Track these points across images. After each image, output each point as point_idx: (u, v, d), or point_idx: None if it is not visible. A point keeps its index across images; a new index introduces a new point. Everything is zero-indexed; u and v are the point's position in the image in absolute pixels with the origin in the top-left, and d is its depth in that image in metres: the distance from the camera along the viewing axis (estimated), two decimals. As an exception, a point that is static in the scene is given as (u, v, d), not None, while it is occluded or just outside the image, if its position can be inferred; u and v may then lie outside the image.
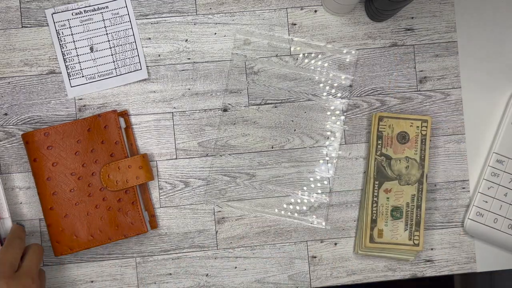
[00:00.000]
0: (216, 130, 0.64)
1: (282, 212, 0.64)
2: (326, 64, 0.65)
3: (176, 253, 0.63)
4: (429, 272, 0.64)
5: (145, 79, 0.64)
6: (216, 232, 0.64)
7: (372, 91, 0.65)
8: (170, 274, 0.63)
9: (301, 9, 0.65)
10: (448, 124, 0.65)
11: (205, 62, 0.65)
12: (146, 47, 0.64)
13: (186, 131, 0.64)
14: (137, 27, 0.64)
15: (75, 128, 0.61)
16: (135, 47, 0.64)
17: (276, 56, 0.65)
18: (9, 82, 0.63)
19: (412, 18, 0.66)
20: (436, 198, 0.65)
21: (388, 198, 0.62)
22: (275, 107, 0.65)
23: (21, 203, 0.63)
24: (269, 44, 0.65)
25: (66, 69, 0.64)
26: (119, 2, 0.64)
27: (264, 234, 0.64)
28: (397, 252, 0.62)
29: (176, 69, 0.64)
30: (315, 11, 0.65)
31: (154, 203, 0.64)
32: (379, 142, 0.63)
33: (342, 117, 0.65)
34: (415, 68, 0.66)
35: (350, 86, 0.65)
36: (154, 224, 0.63)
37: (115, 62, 0.64)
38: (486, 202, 0.63)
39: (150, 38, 0.64)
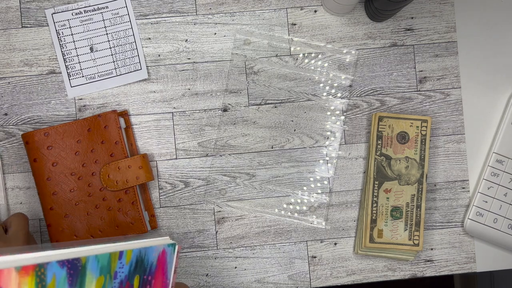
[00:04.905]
0: (216, 130, 0.64)
1: (282, 212, 0.64)
2: (326, 64, 0.65)
3: (176, 253, 0.63)
4: (429, 272, 0.64)
5: (145, 79, 0.64)
6: (216, 232, 0.64)
7: (372, 91, 0.65)
8: (170, 274, 0.63)
9: (301, 9, 0.65)
10: (448, 124, 0.65)
11: (205, 62, 0.65)
12: (146, 47, 0.64)
13: (186, 131, 0.64)
14: (137, 27, 0.64)
15: (75, 128, 0.61)
16: (135, 47, 0.64)
17: (276, 56, 0.65)
18: (9, 82, 0.63)
19: (412, 18, 0.66)
20: (436, 198, 0.65)
21: (388, 198, 0.62)
22: (275, 107, 0.65)
23: (21, 203, 0.63)
24: (269, 44, 0.65)
25: (66, 69, 0.64)
26: (119, 2, 0.64)
27: (264, 234, 0.64)
28: (397, 252, 0.62)
29: (176, 69, 0.64)
30: (315, 11, 0.65)
31: (154, 203, 0.64)
32: (379, 142, 0.63)
33: (342, 117, 0.65)
34: (415, 68, 0.66)
35: (350, 86, 0.65)
36: (154, 224, 0.63)
37: (115, 62, 0.64)
38: (486, 202, 0.63)
39: (150, 38, 0.64)
